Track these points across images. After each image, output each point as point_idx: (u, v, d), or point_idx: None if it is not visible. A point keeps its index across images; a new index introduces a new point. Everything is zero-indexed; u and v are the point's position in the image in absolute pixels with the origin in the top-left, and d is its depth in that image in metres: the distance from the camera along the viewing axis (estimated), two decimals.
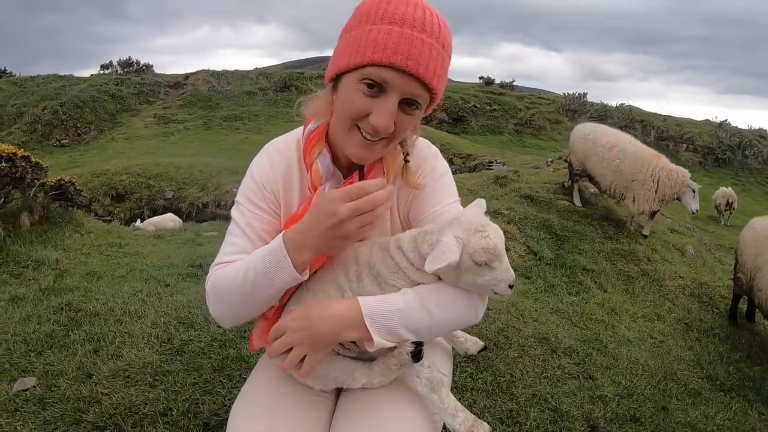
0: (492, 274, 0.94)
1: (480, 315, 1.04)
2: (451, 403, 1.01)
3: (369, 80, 0.90)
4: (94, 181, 7.98)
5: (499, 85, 22.66)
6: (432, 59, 0.90)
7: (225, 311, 1.03)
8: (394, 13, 0.89)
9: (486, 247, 0.92)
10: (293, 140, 1.12)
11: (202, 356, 2.22)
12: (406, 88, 0.91)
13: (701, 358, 2.65)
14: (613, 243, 4.20)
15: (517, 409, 1.90)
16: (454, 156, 11.45)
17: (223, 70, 20.20)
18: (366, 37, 0.89)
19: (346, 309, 0.95)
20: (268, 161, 1.10)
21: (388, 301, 0.96)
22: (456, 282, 0.98)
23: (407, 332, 0.96)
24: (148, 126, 15.89)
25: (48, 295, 3.03)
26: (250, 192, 1.08)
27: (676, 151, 17.28)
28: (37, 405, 1.93)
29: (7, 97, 16.27)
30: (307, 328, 0.95)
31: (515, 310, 2.75)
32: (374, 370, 1.03)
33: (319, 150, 1.05)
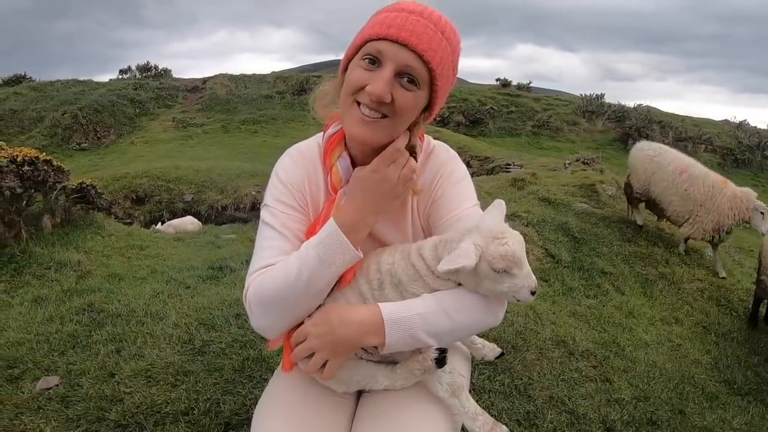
0: (512, 281, 0.94)
1: (500, 318, 1.04)
2: (471, 407, 1.02)
3: (368, 56, 0.94)
4: (114, 184, 8.13)
5: (515, 87, 22.53)
6: (427, 36, 0.93)
7: (275, 316, 1.00)
8: (398, 5, 0.96)
9: (504, 255, 0.92)
10: (314, 144, 1.13)
11: (222, 357, 2.25)
12: (401, 59, 0.93)
13: (719, 362, 2.61)
14: (632, 246, 4.16)
15: (534, 411, 1.90)
16: (472, 158, 11.43)
17: (241, 74, 20.40)
18: (370, 22, 0.97)
19: (368, 314, 0.96)
20: (293, 163, 1.11)
21: (409, 306, 0.97)
22: (476, 289, 0.98)
23: (428, 337, 0.97)
24: (167, 130, 16.14)
25: (70, 295, 3.11)
26: (278, 193, 1.08)
27: (695, 152, 16.98)
28: (60, 403, 1.98)
29: (27, 101, 16.61)
30: (328, 333, 0.96)
31: (533, 312, 2.74)
32: (397, 374, 1.04)
33: (339, 153, 1.06)
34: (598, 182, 5.73)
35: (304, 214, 1.09)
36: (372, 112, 0.96)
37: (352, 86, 0.96)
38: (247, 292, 1.00)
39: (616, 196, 5.67)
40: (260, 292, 0.99)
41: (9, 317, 2.81)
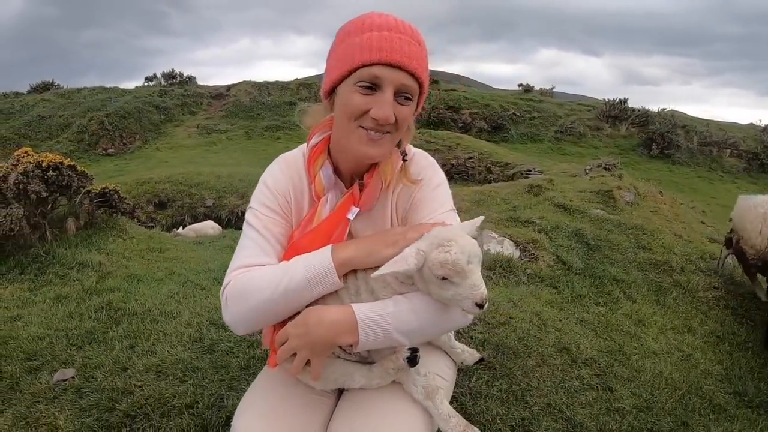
0: (455, 289, 0.95)
1: (470, 319, 1.11)
2: (445, 409, 1.07)
3: (364, 82, 1.00)
4: (137, 189, 8.37)
5: (538, 92, 22.31)
6: (413, 53, 1.01)
7: (247, 314, 1.06)
8: (371, 23, 1.01)
9: (443, 262, 0.93)
10: (299, 154, 1.21)
11: (230, 355, 2.34)
12: (398, 80, 1.01)
13: (731, 373, 2.54)
14: (647, 253, 4.09)
15: (530, 417, 1.91)
16: (492, 165, 11.36)
17: (264, 82, 20.69)
18: (352, 46, 1.01)
19: (342, 315, 1.02)
20: (280, 171, 1.19)
21: (381, 306, 1.03)
22: (428, 293, 1.02)
23: (399, 335, 1.03)
24: (192, 136, 16.48)
25: (90, 294, 3.24)
26: (264, 198, 1.16)
27: (720, 157, 16.53)
28: (75, 394, 2.09)
29: (55, 108, 17.14)
30: (306, 334, 1.02)
31: (538, 319, 2.74)
32: (373, 372, 1.10)
33: (322, 162, 1.14)
34: (616, 188, 5.64)
35: (286, 219, 1.16)
36: (377, 132, 1.04)
37: (353, 112, 1.03)
38: (227, 288, 1.08)
39: (634, 202, 5.58)
40: (240, 290, 1.06)
41: (31, 313, 2.95)
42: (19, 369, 2.31)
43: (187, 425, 1.84)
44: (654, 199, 6.16)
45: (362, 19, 1.03)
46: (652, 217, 5.24)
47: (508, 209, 4.71)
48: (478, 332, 2.46)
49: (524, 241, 3.84)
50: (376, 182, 1.14)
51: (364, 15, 1.04)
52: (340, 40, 1.05)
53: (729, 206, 13.06)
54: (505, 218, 4.34)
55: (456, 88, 21.13)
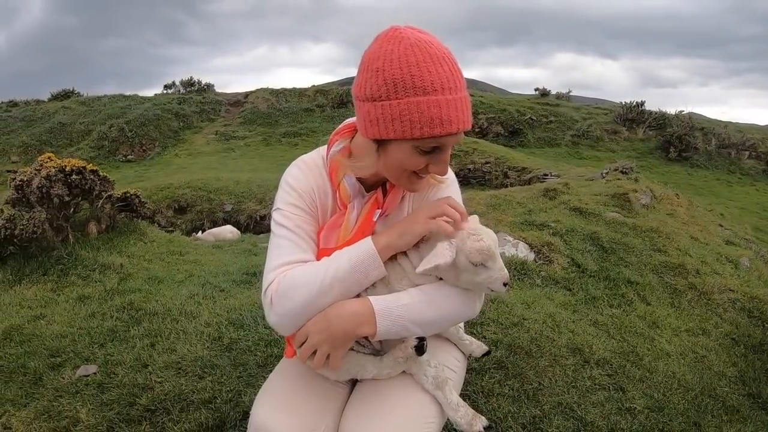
0: (487, 273, 1.06)
1: (478, 310, 1.16)
2: (454, 399, 1.13)
3: (427, 148, 1.02)
4: (158, 194, 8.54)
5: (555, 97, 22.19)
6: (467, 110, 1.01)
7: (295, 311, 1.06)
8: (425, 79, 0.96)
9: (480, 249, 1.04)
10: (318, 156, 1.24)
11: (248, 353, 2.39)
12: (456, 141, 1.05)
13: (745, 375, 2.52)
14: (662, 255, 4.06)
15: (541, 416, 1.93)
16: (509, 169, 11.33)
17: (282, 88, 20.88)
18: (413, 111, 0.97)
19: (360, 306, 1.07)
20: (300, 171, 1.21)
21: (396, 298, 1.09)
22: (456, 282, 1.10)
23: (414, 325, 1.08)
24: (210, 142, 16.71)
25: (112, 295, 3.33)
26: (290, 198, 1.17)
27: (738, 159, 16.21)
28: (96, 389, 2.16)
29: (76, 115, 17.52)
30: (326, 328, 1.06)
31: (551, 320, 2.75)
32: (384, 362, 1.15)
33: (344, 171, 1.17)
34: (632, 191, 5.60)
35: (314, 217, 1.19)
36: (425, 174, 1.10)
37: (411, 169, 1.06)
38: (270, 287, 1.08)
39: (650, 205, 5.54)
40: (286, 288, 1.07)
41: (55, 312, 3.06)
42: (43, 365, 2.39)
43: (206, 419, 1.90)
44: (670, 201, 6.10)
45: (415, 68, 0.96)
46: (668, 220, 5.20)
47: (524, 213, 4.72)
48: (491, 332, 2.49)
49: (539, 244, 3.85)
50: (398, 189, 1.19)
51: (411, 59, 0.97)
52: (392, 92, 0.98)
53: (747, 209, 12.79)
54: (520, 222, 4.35)
55: (473, 93, 21.16)
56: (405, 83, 0.96)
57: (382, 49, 0.99)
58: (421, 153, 1.03)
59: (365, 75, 1.02)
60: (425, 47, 0.97)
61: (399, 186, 1.15)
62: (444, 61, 0.98)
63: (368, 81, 1.00)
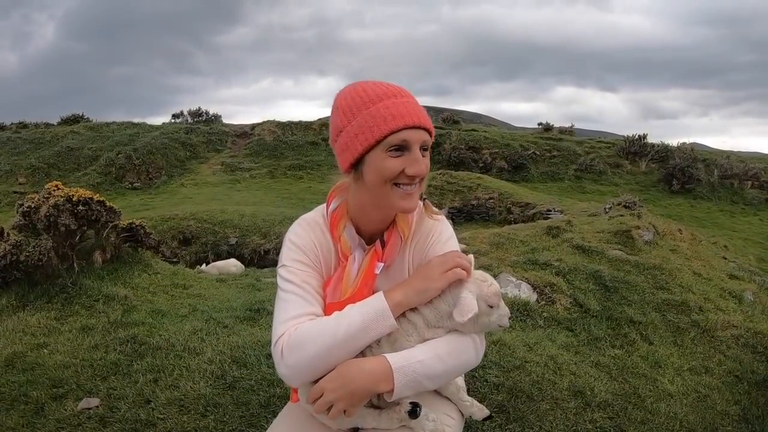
0: (498, 312, 1.17)
1: (480, 356, 1.21)
2: None
3: (395, 147, 1.10)
4: (163, 224, 8.61)
5: (558, 131, 22.44)
6: (422, 112, 1.13)
7: (307, 362, 1.09)
8: (376, 93, 1.12)
9: (496, 292, 1.16)
10: (319, 215, 1.30)
11: (251, 393, 2.39)
12: (421, 138, 1.13)
13: (748, 413, 2.49)
14: (664, 293, 4.06)
15: None
16: (513, 205, 11.43)
17: (288, 121, 21.21)
18: (372, 118, 1.09)
19: (377, 364, 1.10)
20: (303, 230, 1.27)
21: (410, 355, 1.12)
22: (473, 327, 1.16)
23: (427, 380, 1.12)
24: (216, 173, 16.91)
25: (116, 327, 3.31)
26: (295, 254, 1.22)
27: (741, 189, 16.25)
28: (98, 423, 2.16)
29: (84, 140, 17.77)
30: (343, 386, 1.08)
31: (553, 363, 2.75)
32: (382, 417, 1.18)
33: (344, 225, 1.23)
34: (634, 227, 5.62)
35: (319, 273, 1.24)
36: (411, 186, 1.15)
37: (390, 176, 1.12)
38: (281, 339, 1.12)
39: (653, 242, 5.55)
40: (298, 340, 1.10)
41: (58, 342, 3.05)
42: (45, 395, 2.39)
43: None
44: (673, 237, 6.12)
45: (362, 91, 1.13)
46: (671, 256, 5.21)
47: (527, 251, 4.74)
48: (493, 376, 2.49)
49: (541, 285, 3.87)
50: (396, 238, 1.24)
51: (358, 88, 1.14)
52: (350, 116, 1.12)
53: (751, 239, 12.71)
54: (522, 261, 4.37)
55: (476, 128, 21.40)
56: (357, 104, 1.11)
57: (338, 96, 1.16)
58: (392, 156, 1.11)
59: (332, 118, 1.17)
60: (372, 81, 1.15)
61: (391, 209, 1.20)
62: (389, 83, 1.15)
63: (334, 121, 1.15)
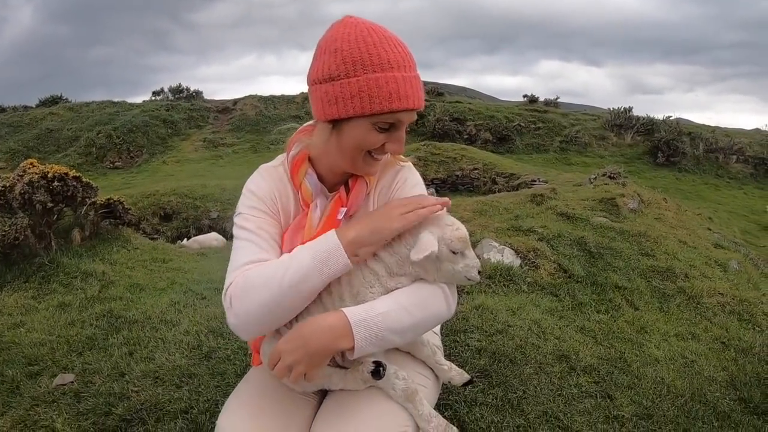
0: (464, 261, 1.07)
1: (453, 310, 1.13)
2: (425, 410, 1.09)
3: (385, 124, 1.04)
4: (143, 201, 8.43)
5: (543, 103, 22.31)
6: (420, 90, 1.06)
7: (254, 312, 1.02)
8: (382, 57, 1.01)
9: (461, 237, 1.07)
10: (278, 164, 1.24)
11: (227, 362, 2.35)
12: (412, 119, 1.07)
13: (736, 379, 2.48)
14: (650, 260, 4.05)
15: (525, 425, 1.87)
16: (497, 175, 11.33)
17: (270, 96, 20.90)
18: (371, 87, 1.00)
19: (335, 320, 1.02)
20: (262, 178, 1.21)
21: (371, 307, 1.04)
22: (435, 275, 1.08)
23: (392, 334, 1.03)
24: (198, 150, 16.64)
25: (92, 303, 3.26)
26: (252, 202, 1.17)
27: (726, 164, 16.40)
28: (73, 398, 2.12)
29: (63, 121, 17.44)
30: (302, 346, 1.01)
31: (537, 327, 2.71)
32: (347, 378, 1.11)
33: (305, 171, 1.16)
34: (619, 196, 5.60)
35: (276, 220, 1.17)
36: (382, 155, 1.11)
37: (368, 148, 1.07)
38: (230, 287, 1.05)
39: (638, 210, 5.54)
40: (245, 287, 1.03)
41: (34, 320, 2.99)
42: (20, 373, 2.34)
43: (180, 429, 1.85)
44: (658, 206, 6.12)
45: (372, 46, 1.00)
46: (656, 224, 5.21)
47: (510, 218, 4.69)
48: (475, 340, 2.44)
49: (525, 250, 3.82)
50: (361, 185, 1.18)
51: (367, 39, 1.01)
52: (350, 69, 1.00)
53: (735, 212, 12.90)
54: (506, 227, 4.32)
55: (461, 100, 21.21)
56: (363, 61, 1.00)
57: (338, 32, 1.03)
58: (378, 130, 1.05)
59: (323, 57, 1.04)
60: (379, 30, 1.03)
61: (355, 170, 1.14)
62: (398, 44, 1.04)
63: (326, 62, 1.03)
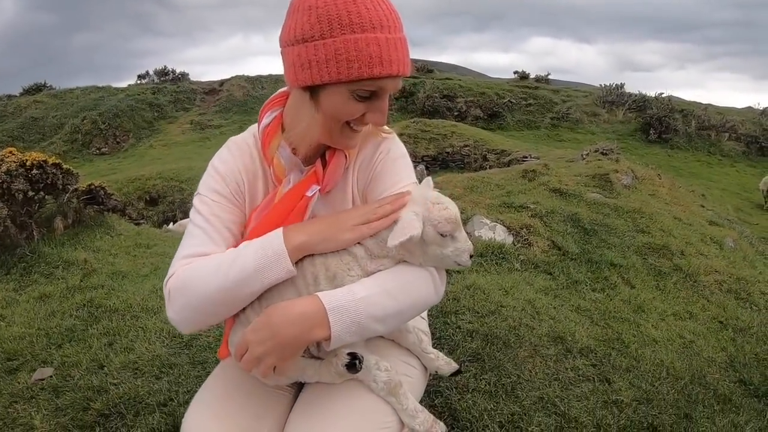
0: (455, 244, 0.96)
1: (441, 294, 1.02)
2: (410, 405, 0.98)
3: (364, 93, 0.92)
4: (129, 186, 8.29)
5: (534, 80, 22.06)
6: (407, 53, 0.93)
7: (194, 307, 0.95)
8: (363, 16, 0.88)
9: (449, 218, 0.94)
10: (249, 135, 1.12)
11: (207, 350, 2.27)
12: (396, 87, 0.94)
13: (734, 360, 2.42)
14: (645, 236, 3.97)
15: (521, 412, 1.79)
16: (488, 152, 11.21)
17: (257, 76, 20.58)
18: (350, 50, 0.87)
19: (308, 306, 0.90)
20: (229, 154, 1.10)
21: (350, 291, 0.92)
22: (421, 258, 0.97)
23: (374, 322, 0.92)
24: (185, 132, 16.41)
25: (73, 292, 3.17)
26: (213, 183, 1.07)
27: (719, 141, 16.38)
28: (52, 393, 2.06)
29: (48, 109, 17.16)
30: (270, 337, 0.90)
31: (531, 307, 2.63)
32: (322, 371, 1.00)
33: (277, 143, 1.04)
34: (613, 171, 5.51)
35: (237, 205, 1.07)
36: (361, 126, 0.99)
37: (346, 118, 0.95)
38: (169, 280, 0.98)
39: (632, 186, 5.46)
40: (184, 281, 0.95)
41: (15, 313, 2.91)
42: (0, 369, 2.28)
43: (158, 424, 1.77)
44: (652, 182, 6.05)
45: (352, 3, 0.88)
46: (651, 201, 5.13)
47: (502, 195, 4.58)
48: (466, 322, 2.35)
49: (517, 227, 3.73)
50: (339, 158, 1.05)
51: None
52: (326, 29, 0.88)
53: (728, 189, 12.95)
54: (498, 204, 4.22)
55: (451, 77, 20.94)
56: (341, 19, 0.87)
57: None
58: (358, 99, 0.93)
59: (295, 16, 0.91)
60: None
61: (332, 143, 1.02)
62: (381, 0, 0.91)
63: (299, 21, 0.90)
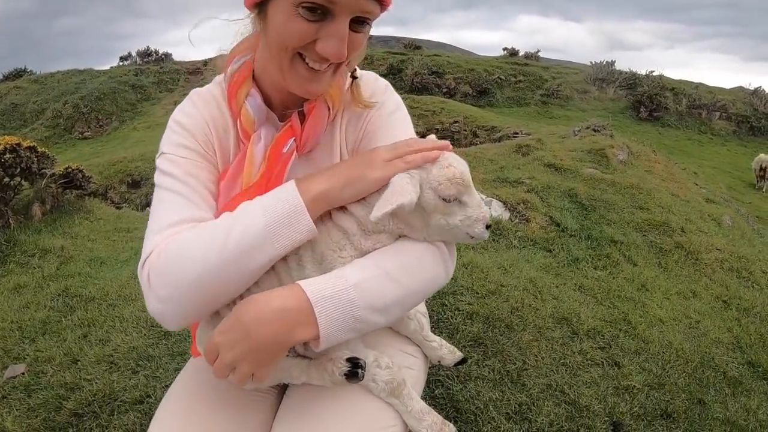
0: (464, 211, 0.77)
1: (450, 273, 0.84)
2: (416, 406, 0.82)
3: (308, 4, 0.70)
4: (110, 169, 8.02)
5: (523, 56, 21.77)
6: None
7: (185, 293, 0.73)
8: None
9: (452, 177, 0.76)
10: (216, 85, 0.92)
11: (187, 341, 2.12)
12: (357, 5, 0.72)
13: (741, 341, 2.33)
14: (645, 213, 3.86)
15: (528, 402, 1.67)
16: (479, 128, 11.03)
17: None
18: None
19: (288, 298, 0.71)
20: (193, 105, 0.90)
21: (341, 276, 0.74)
22: (423, 232, 0.79)
23: (372, 313, 0.73)
24: (169, 113, 15.99)
25: (48, 282, 3.00)
26: (179, 138, 0.87)
27: (709, 120, 16.35)
28: (24, 392, 1.92)
29: (28, 94, 16.72)
30: (243, 339, 0.71)
31: (533, 286, 2.51)
32: (311, 372, 0.83)
33: (246, 91, 0.85)
34: (608, 146, 5.38)
35: (211, 161, 0.87)
36: (320, 64, 0.76)
37: (294, 42, 0.74)
38: (148, 260, 0.76)
39: (627, 161, 5.34)
40: (170, 260, 0.74)
41: None
42: None
43: (133, 423, 1.63)
44: (648, 158, 5.92)
45: None
46: (647, 177, 5.01)
47: (496, 170, 4.44)
48: (465, 303, 2.21)
49: (514, 202, 3.59)
50: (321, 109, 0.86)
51: None
52: None
53: (720, 168, 12.95)
54: (492, 179, 4.07)
55: (439, 54, 20.61)
56: None
57: None
58: (306, 17, 0.72)
59: None
60: None
61: (286, 84, 0.80)
62: None
63: None
